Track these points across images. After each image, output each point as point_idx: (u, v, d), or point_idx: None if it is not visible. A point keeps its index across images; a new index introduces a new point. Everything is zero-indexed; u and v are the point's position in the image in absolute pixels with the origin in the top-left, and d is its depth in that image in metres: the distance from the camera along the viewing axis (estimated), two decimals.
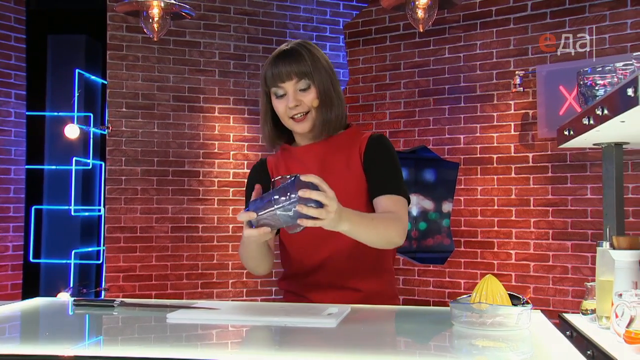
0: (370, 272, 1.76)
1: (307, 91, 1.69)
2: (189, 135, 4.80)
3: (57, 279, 5.31)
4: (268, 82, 1.72)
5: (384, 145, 1.76)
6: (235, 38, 4.96)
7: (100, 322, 1.48)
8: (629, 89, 1.04)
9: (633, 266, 1.29)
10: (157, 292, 4.64)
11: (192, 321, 1.40)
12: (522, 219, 4.35)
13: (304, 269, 1.76)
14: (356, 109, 4.96)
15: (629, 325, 1.15)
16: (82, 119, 5.35)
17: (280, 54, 1.72)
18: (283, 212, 1.35)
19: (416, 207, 5.34)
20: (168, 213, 4.73)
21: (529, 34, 4.37)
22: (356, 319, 1.45)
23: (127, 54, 4.71)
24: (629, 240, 1.30)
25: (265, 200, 1.38)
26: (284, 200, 1.34)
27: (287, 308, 1.55)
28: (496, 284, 1.35)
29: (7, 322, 1.46)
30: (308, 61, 1.69)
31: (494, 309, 1.29)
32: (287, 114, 1.71)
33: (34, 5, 5.24)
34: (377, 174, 1.71)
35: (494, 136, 4.44)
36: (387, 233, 1.60)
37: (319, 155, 1.75)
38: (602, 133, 1.31)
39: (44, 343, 1.27)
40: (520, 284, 4.32)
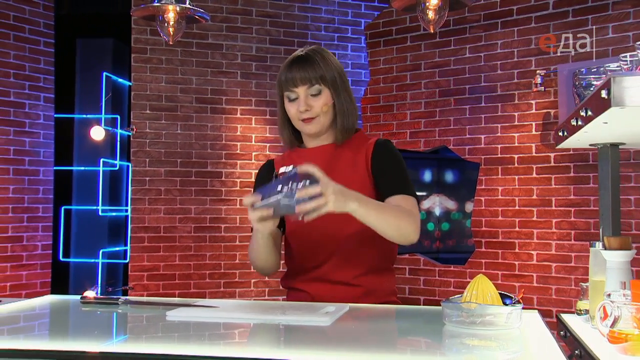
0: (370, 270, 1.79)
1: (318, 97, 1.77)
2: (212, 137, 4.87)
3: (86, 277, 5.44)
4: (282, 86, 1.80)
5: (390, 150, 1.81)
6: (257, 40, 5.01)
7: (101, 319, 1.53)
8: (603, 91, 1.04)
9: (624, 266, 1.29)
10: (180, 291, 4.72)
11: (189, 319, 1.44)
12: (543, 219, 4.31)
13: (307, 266, 1.81)
14: (377, 110, 4.97)
15: (613, 325, 1.15)
16: (109, 121, 5.46)
17: (295, 60, 1.80)
18: (286, 199, 1.43)
19: (439, 208, 5.33)
20: (191, 213, 4.80)
21: (551, 32, 4.33)
22: (351, 318, 1.47)
23: (151, 57, 4.80)
24: (619, 240, 1.30)
25: (268, 190, 1.45)
26: (285, 191, 1.42)
27: (284, 306, 1.58)
28: (487, 283, 1.36)
29: (16, 318, 1.52)
30: (321, 67, 1.77)
31: (482, 309, 1.30)
32: (298, 116, 1.78)
33: (63, 10, 5.37)
34: (386, 177, 1.77)
35: (515, 136, 4.41)
36: (399, 223, 1.63)
37: (325, 156, 1.81)
38: (595, 134, 1.31)
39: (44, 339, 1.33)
40: (542, 285, 4.28)
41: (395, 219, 1.63)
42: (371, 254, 1.79)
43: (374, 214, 1.58)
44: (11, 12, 4.75)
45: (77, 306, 1.64)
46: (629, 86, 1.01)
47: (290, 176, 1.44)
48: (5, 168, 4.66)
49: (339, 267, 1.77)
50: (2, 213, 4.63)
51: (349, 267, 1.77)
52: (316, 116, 1.77)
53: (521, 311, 1.34)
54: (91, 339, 1.31)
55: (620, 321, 1.15)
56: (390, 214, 1.63)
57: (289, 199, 1.42)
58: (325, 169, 1.74)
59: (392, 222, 1.62)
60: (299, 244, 1.84)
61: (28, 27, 4.85)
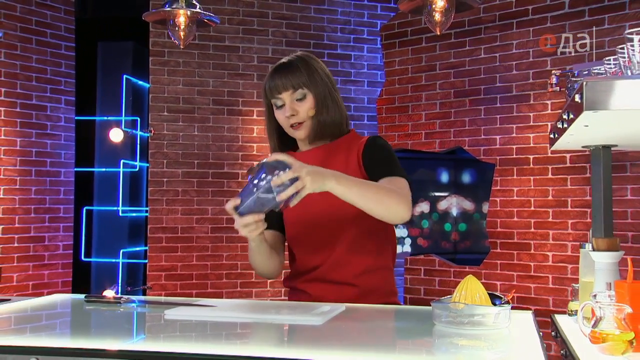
0: (368, 269, 1.81)
1: (304, 101, 1.79)
2: (228, 138, 4.93)
3: (107, 277, 5.54)
4: (267, 94, 1.82)
5: (379, 144, 1.82)
6: (273, 42, 5.05)
7: (101, 317, 1.58)
8: (577, 96, 1.05)
9: (611, 267, 1.30)
10: (197, 290, 4.78)
11: (187, 317, 1.48)
12: (559, 220, 4.28)
13: (307, 267, 1.84)
14: (392, 110, 4.98)
15: (595, 325, 1.16)
16: (129, 123, 5.56)
17: (278, 67, 1.82)
18: (264, 194, 1.45)
19: (456, 208, 5.32)
20: (208, 214, 4.86)
21: (567, 32, 4.30)
22: (344, 318, 1.50)
23: (169, 60, 4.87)
24: (607, 242, 1.31)
25: (246, 192, 1.48)
26: (260, 184, 1.44)
27: (281, 306, 1.61)
28: (476, 284, 1.37)
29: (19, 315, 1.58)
30: (304, 72, 1.78)
31: (470, 309, 1.32)
32: (286, 123, 1.81)
33: (84, 14, 5.48)
34: (374, 166, 1.76)
35: (531, 136, 4.39)
36: (385, 199, 1.59)
37: (317, 158, 1.82)
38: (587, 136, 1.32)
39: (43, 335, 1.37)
40: (558, 286, 4.26)
41: (381, 195, 1.59)
42: (369, 252, 1.80)
43: (355, 190, 1.54)
44: (33, 17, 4.85)
45: (81, 305, 1.69)
46: (600, 90, 1.02)
47: (260, 171, 1.45)
48: (28, 170, 4.77)
49: (338, 267, 1.79)
50: (25, 214, 4.74)
51: (348, 267, 1.79)
52: (303, 121, 1.79)
53: (510, 311, 1.35)
54: (88, 336, 1.36)
55: (602, 322, 1.16)
56: (375, 191, 1.60)
57: (266, 193, 1.45)
58: None
59: (377, 199, 1.58)
60: (298, 246, 1.87)
61: (49, 32, 4.96)
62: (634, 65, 1.08)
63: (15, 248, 4.68)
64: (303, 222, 1.83)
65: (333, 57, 5.16)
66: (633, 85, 1.02)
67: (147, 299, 1.78)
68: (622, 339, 1.13)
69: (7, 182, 4.64)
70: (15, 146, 4.70)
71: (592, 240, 1.34)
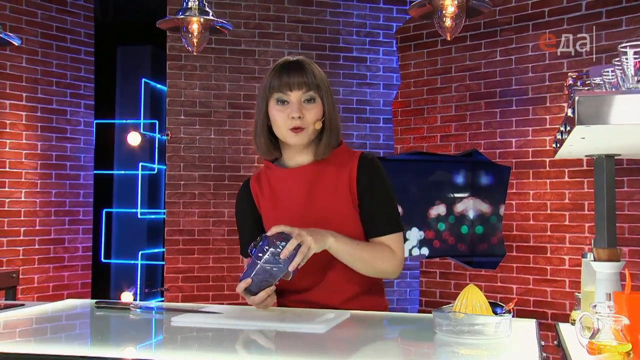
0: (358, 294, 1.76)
1: (311, 105, 1.68)
2: (244, 141, 4.96)
3: (126, 278, 5.61)
4: (274, 89, 1.68)
5: (375, 169, 1.75)
6: (289, 45, 5.08)
7: (110, 323, 1.61)
8: (569, 110, 1.06)
9: (612, 278, 1.30)
10: (214, 292, 4.82)
11: (192, 324, 1.51)
12: (576, 223, 4.25)
13: (297, 287, 1.76)
14: (408, 113, 4.98)
15: (593, 336, 1.17)
16: (147, 126, 5.63)
17: (289, 64, 1.70)
18: (271, 265, 1.52)
19: (472, 211, 5.30)
20: (224, 217, 4.90)
21: (584, 34, 4.27)
22: (347, 326, 1.52)
23: (186, 64, 4.92)
24: (608, 252, 1.31)
25: (253, 267, 1.53)
26: (269, 258, 1.51)
27: (286, 312, 1.63)
28: (476, 293, 1.38)
29: (29, 322, 1.62)
30: (315, 76, 1.69)
31: (469, 318, 1.33)
32: (287, 124, 1.68)
33: (103, 19, 5.55)
34: (371, 211, 1.72)
35: (547, 139, 4.36)
36: (374, 262, 1.67)
37: (306, 178, 1.74)
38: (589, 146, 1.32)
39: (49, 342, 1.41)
40: (574, 290, 4.21)
41: (371, 258, 1.67)
42: (361, 279, 1.74)
43: (350, 251, 1.62)
44: (54, 23, 4.94)
45: (92, 311, 1.73)
46: (593, 105, 1.02)
47: (264, 244, 1.52)
48: (48, 173, 4.85)
49: (329, 293, 1.75)
50: (45, 216, 4.82)
51: (338, 294, 1.75)
52: (306, 127, 1.68)
53: (510, 321, 1.36)
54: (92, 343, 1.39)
55: (600, 333, 1.16)
56: (367, 254, 1.66)
57: (276, 265, 1.51)
58: (306, 192, 1.74)
59: (366, 261, 1.66)
60: None
61: (70, 37, 5.04)
62: (628, 78, 1.09)
63: (36, 250, 4.76)
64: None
65: (349, 59, 5.17)
66: (625, 100, 1.02)
67: (156, 305, 1.81)
68: (619, 350, 1.14)
69: (28, 186, 4.73)
70: (36, 150, 4.78)
71: (593, 250, 1.34)
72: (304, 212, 1.72)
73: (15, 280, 2.79)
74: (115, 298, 5.44)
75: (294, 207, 1.75)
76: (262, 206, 1.81)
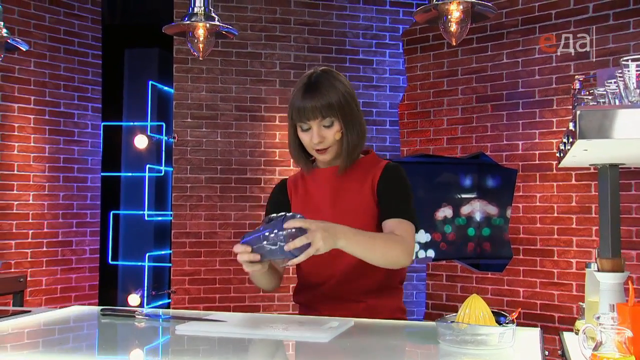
0: (375, 287, 1.83)
1: (331, 127, 1.78)
2: (251, 144, 4.97)
3: (133, 280, 5.63)
4: (294, 116, 1.79)
5: (397, 174, 1.84)
6: (295, 48, 5.09)
7: (114, 331, 1.62)
8: (571, 123, 1.06)
9: (616, 288, 1.30)
10: (220, 295, 4.84)
11: (196, 333, 1.51)
12: (583, 227, 4.24)
13: (313, 282, 1.87)
14: (414, 116, 4.98)
15: (596, 348, 1.16)
16: (154, 128, 5.65)
17: (306, 90, 1.78)
18: (270, 245, 1.51)
19: (479, 213, 5.29)
20: (231, 219, 4.91)
21: (592, 37, 4.25)
22: (350, 335, 1.52)
23: (192, 67, 4.94)
24: (612, 262, 1.31)
25: (256, 235, 1.54)
26: (271, 236, 1.50)
27: (289, 320, 1.64)
28: (480, 303, 1.38)
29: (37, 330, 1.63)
30: (329, 96, 1.76)
31: (472, 329, 1.33)
32: (311, 146, 1.81)
33: (111, 21, 5.57)
34: (387, 199, 1.79)
35: (553, 142, 4.35)
36: (388, 252, 1.67)
37: (333, 180, 1.86)
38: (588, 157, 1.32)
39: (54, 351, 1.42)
40: (582, 294, 4.20)
41: (385, 248, 1.67)
42: (376, 270, 1.79)
43: (362, 246, 1.62)
44: (61, 26, 4.96)
45: (96, 318, 1.74)
46: (594, 120, 1.02)
47: (277, 222, 1.51)
48: (56, 176, 4.88)
49: (344, 284, 1.81)
50: (53, 219, 4.85)
51: (354, 284, 1.81)
52: (330, 146, 1.80)
53: (514, 330, 1.36)
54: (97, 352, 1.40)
55: (603, 345, 1.16)
56: (378, 244, 1.66)
57: (273, 246, 1.50)
58: (332, 192, 1.84)
59: (380, 251, 1.66)
60: (308, 265, 1.88)
61: (77, 41, 5.07)
62: (630, 90, 1.09)
63: (44, 252, 4.79)
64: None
65: (355, 62, 5.18)
66: (626, 114, 1.02)
67: (162, 312, 1.82)
68: None
69: (36, 188, 4.76)
70: (44, 153, 4.81)
71: (597, 261, 1.34)
72: (330, 214, 1.80)
73: (23, 284, 2.81)
74: (123, 300, 5.46)
75: (321, 208, 1.85)
76: (293, 204, 1.93)
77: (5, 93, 4.62)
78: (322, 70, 1.84)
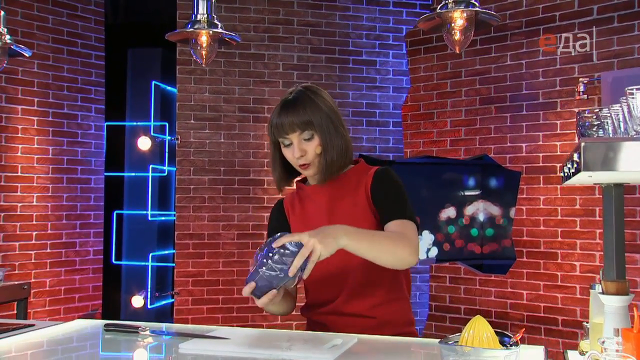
0: (383, 301, 1.83)
1: (311, 140, 1.78)
2: (254, 145, 4.97)
3: (137, 279, 5.65)
4: (274, 132, 1.80)
5: (388, 177, 1.83)
6: (298, 49, 5.08)
7: (116, 349, 1.63)
8: (575, 154, 1.05)
9: (620, 311, 1.29)
10: (224, 296, 4.84)
11: (200, 352, 1.52)
12: (587, 229, 4.23)
13: (321, 300, 1.87)
14: (417, 117, 4.97)
15: None
16: (158, 128, 5.65)
17: (284, 106, 1.80)
18: (269, 271, 1.51)
19: (483, 214, 5.29)
20: (234, 220, 4.92)
21: (595, 39, 4.23)
22: (354, 354, 1.52)
23: (195, 68, 4.93)
24: (616, 285, 1.30)
25: (255, 269, 1.54)
26: (266, 263, 1.50)
27: (293, 337, 1.64)
28: (484, 324, 1.37)
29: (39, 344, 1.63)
30: (309, 112, 1.76)
31: (476, 352, 1.33)
32: (294, 162, 1.81)
33: (114, 20, 5.55)
34: (384, 203, 1.79)
35: (557, 145, 4.34)
36: (394, 250, 1.64)
37: (327, 195, 1.86)
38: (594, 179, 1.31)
39: None
40: (586, 297, 4.21)
41: (389, 244, 1.64)
42: (383, 284, 1.81)
43: (365, 244, 1.60)
44: (65, 28, 4.96)
45: (100, 335, 1.75)
46: (598, 152, 1.01)
47: (266, 250, 1.51)
48: (60, 177, 4.89)
49: (352, 300, 1.81)
50: (57, 220, 4.86)
51: (362, 299, 1.81)
52: (311, 161, 1.79)
53: (518, 352, 1.35)
54: None
55: None
56: (383, 241, 1.64)
57: (273, 272, 1.50)
58: (327, 209, 1.84)
59: (384, 249, 1.63)
60: (308, 280, 1.89)
61: (80, 42, 5.07)
62: (635, 119, 1.08)
63: (48, 254, 4.80)
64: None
65: (358, 63, 5.16)
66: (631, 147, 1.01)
67: (166, 328, 1.82)
68: None
69: (39, 190, 4.76)
70: (47, 154, 4.82)
71: (602, 283, 1.34)
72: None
73: (27, 292, 2.82)
74: (126, 301, 5.48)
75: (320, 224, 1.80)
76: (292, 223, 1.93)
77: (9, 95, 4.62)
78: (303, 87, 1.85)
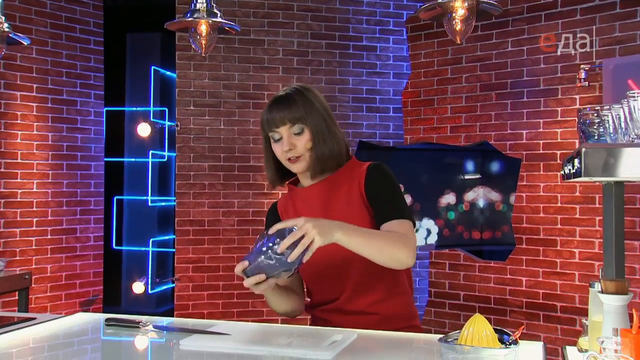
0: (385, 297, 1.83)
1: (301, 135, 1.77)
2: (254, 132, 4.96)
3: (137, 265, 5.67)
4: (265, 127, 1.81)
5: (382, 173, 1.82)
6: (298, 35, 5.04)
7: (116, 346, 1.63)
8: (576, 160, 1.05)
9: (619, 311, 1.30)
10: (224, 282, 4.86)
11: (200, 348, 1.53)
12: (586, 217, 4.24)
13: (323, 299, 1.87)
14: (417, 104, 4.95)
15: None
16: (157, 113, 5.64)
17: (275, 100, 1.81)
18: (266, 259, 1.49)
19: (482, 200, 5.29)
20: (234, 207, 4.92)
21: (597, 25, 4.20)
22: (353, 351, 1.53)
23: (195, 54, 4.90)
24: (615, 284, 1.30)
25: (253, 256, 1.53)
26: (267, 252, 1.50)
27: (293, 333, 1.65)
28: (483, 322, 1.38)
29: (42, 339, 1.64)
30: (301, 106, 1.77)
31: (475, 351, 1.33)
32: (283, 157, 1.80)
33: (113, 3, 5.50)
34: (380, 202, 1.78)
35: (558, 132, 4.33)
36: (391, 250, 1.64)
37: (320, 195, 1.86)
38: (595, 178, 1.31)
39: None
40: (584, 284, 4.22)
41: (385, 244, 1.64)
42: (384, 280, 1.81)
43: (360, 240, 1.59)
44: (63, 13, 4.93)
45: (101, 329, 1.75)
46: (599, 158, 1.01)
47: (265, 240, 1.51)
48: (59, 164, 4.88)
49: (354, 297, 1.81)
50: (57, 207, 4.86)
51: (363, 296, 1.81)
52: (301, 155, 1.78)
53: (517, 351, 1.36)
54: None
55: None
56: (379, 240, 1.64)
57: (270, 261, 1.49)
58: (321, 209, 1.82)
59: (380, 248, 1.63)
60: (310, 280, 1.90)
61: (79, 27, 5.03)
62: (636, 122, 1.07)
63: (49, 240, 4.81)
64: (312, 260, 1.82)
65: (358, 48, 5.13)
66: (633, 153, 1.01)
67: (167, 323, 1.83)
68: None
69: (39, 177, 4.76)
70: (47, 141, 4.81)
71: (601, 282, 1.34)
72: None
73: (28, 281, 2.83)
74: (127, 287, 5.50)
75: None
76: None
77: (8, 81, 4.60)
78: (295, 86, 1.86)
